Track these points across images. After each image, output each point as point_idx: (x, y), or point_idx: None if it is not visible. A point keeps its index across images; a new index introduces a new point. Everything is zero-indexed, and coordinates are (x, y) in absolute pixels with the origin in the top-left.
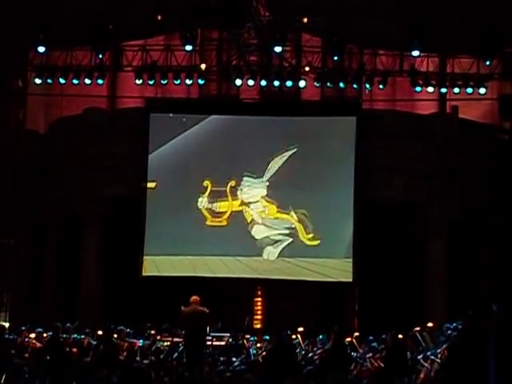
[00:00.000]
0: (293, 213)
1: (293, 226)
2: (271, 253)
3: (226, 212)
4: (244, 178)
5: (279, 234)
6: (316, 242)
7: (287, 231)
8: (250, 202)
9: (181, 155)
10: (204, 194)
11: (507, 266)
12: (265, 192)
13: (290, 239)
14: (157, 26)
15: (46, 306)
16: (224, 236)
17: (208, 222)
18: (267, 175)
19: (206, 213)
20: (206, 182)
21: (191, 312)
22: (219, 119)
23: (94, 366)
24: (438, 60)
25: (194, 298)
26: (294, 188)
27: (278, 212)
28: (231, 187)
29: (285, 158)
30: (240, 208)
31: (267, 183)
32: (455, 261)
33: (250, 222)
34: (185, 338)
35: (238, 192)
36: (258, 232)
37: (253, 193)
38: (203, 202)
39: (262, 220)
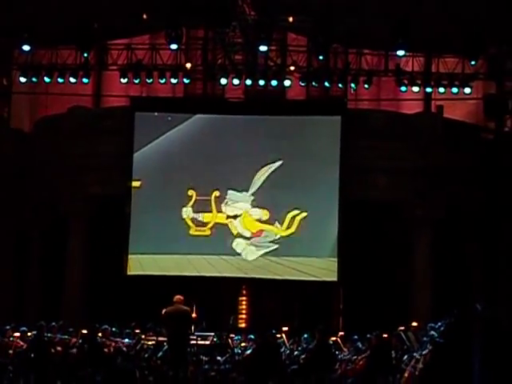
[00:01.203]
0: (278, 223)
1: (277, 238)
2: (250, 253)
3: (209, 222)
4: (229, 192)
5: (263, 246)
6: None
7: (272, 242)
8: (234, 215)
9: (166, 154)
10: (188, 203)
11: (491, 265)
12: (249, 205)
13: (275, 246)
14: (142, 25)
15: (31, 305)
16: (207, 241)
17: (191, 232)
18: (253, 187)
19: (190, 222)
20: (191, 192)
21: (174, 311)
22: (204, 118)
23: (78, 364)
24: (423, 60)
25: (177, 297)
26: (278, 187)
27: (262, 223)
28: (216, 197)
29: (271, 170)
30: (225, 221)
31: (252, 196)
32: (440, 260)
33: (236, 234)
34: (168, 337)
35: (223, 205)
36: (241, 244)
37: (237, 205)
38: (187, 211)
39: (245, 232)
